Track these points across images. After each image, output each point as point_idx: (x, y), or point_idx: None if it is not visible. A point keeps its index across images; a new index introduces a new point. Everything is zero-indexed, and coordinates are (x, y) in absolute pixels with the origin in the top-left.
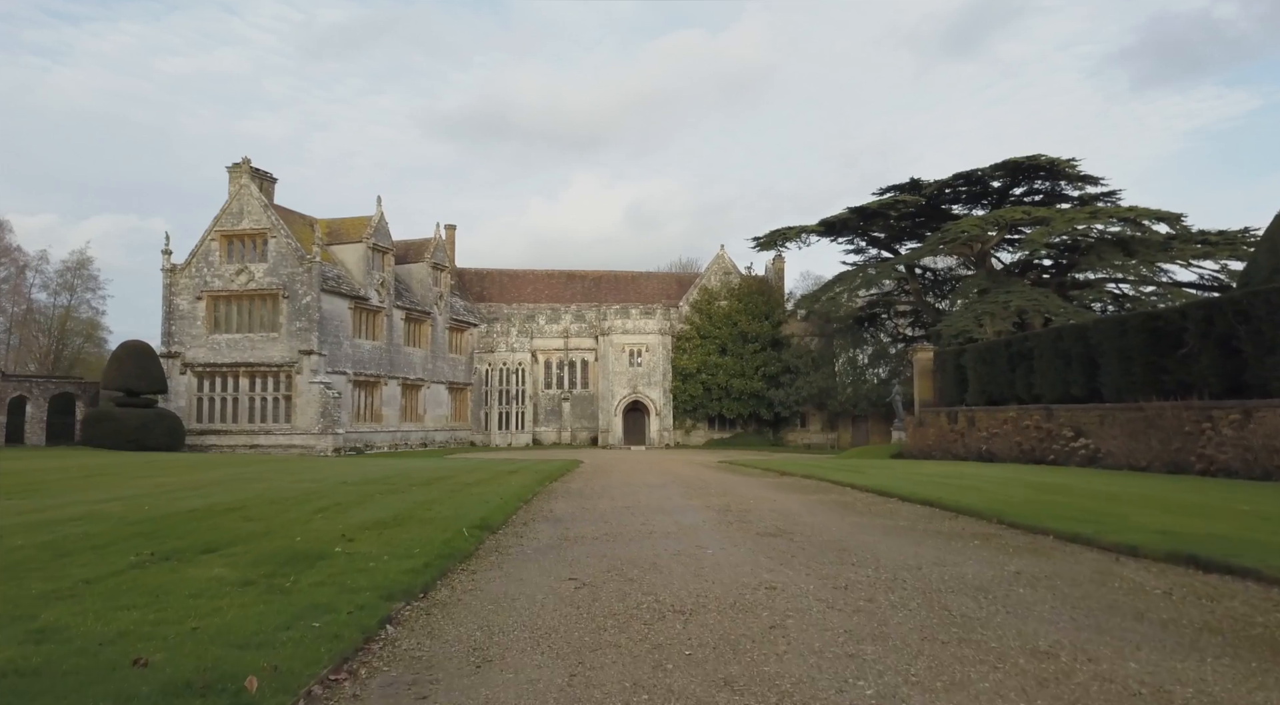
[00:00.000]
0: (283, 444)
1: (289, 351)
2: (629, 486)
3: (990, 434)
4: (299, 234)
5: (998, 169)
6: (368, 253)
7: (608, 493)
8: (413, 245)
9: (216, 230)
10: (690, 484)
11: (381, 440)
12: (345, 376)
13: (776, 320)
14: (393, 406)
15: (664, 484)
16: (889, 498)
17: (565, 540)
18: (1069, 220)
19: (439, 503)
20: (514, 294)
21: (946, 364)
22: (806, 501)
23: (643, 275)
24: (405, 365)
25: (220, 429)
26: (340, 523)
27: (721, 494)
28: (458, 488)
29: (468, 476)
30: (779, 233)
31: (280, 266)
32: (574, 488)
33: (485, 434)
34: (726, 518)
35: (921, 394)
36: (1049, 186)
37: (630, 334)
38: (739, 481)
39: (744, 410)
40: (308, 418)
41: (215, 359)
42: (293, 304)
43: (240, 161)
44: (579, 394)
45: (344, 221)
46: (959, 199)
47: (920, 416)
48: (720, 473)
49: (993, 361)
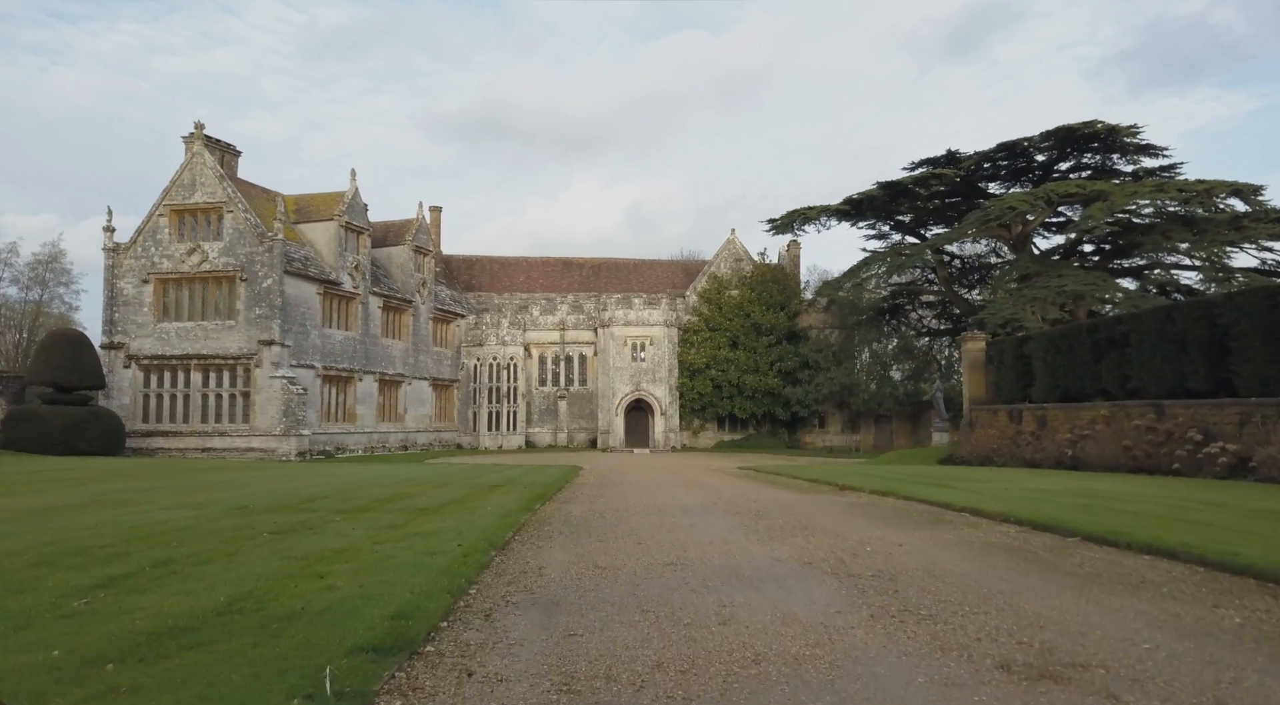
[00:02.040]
0: (239, 447)
1: (247, 342)
2: (658, 514)
3: (1076, 436)
4: (261, 210)
5: (1046, 138)
6: (340, 232)
7: (626, 525)
8: (392, 227)
9: (166, 205)
10: (743, 508)
11: (355, 442)
12: (313, 371)
13: (793, 311)
14: (368, 405)
15: (705, 508)
16: (1060, 534)
17: (567, 695)
18: (1130, 195)
19: (353, 557)
20: (505, 283)
21: (1005, 355)
22: (958, 547)
23: (645, 263)
24: (383, 359)
25: (169, 430)
26: (77, 638)
27: (805, 530)
28: (405, 519)
29: (431, 496)
30: (797, 213)
31: (238, 245)
32: (575, 515)
33: (473, 435)
34: (885, 604)
35: (972, 390)
36: (1099, 161)
37: (633, 326)
38: (803, 503)
39: (757, 409)
40: (268, 417)
41: (164, 351)
42: (252, 288)
43: (194, 128)
44: (576, 391)
45: (313, 197)
46: (997, 175)
47: (971, 416)
48: (763, 486)
49: (1070, 350)
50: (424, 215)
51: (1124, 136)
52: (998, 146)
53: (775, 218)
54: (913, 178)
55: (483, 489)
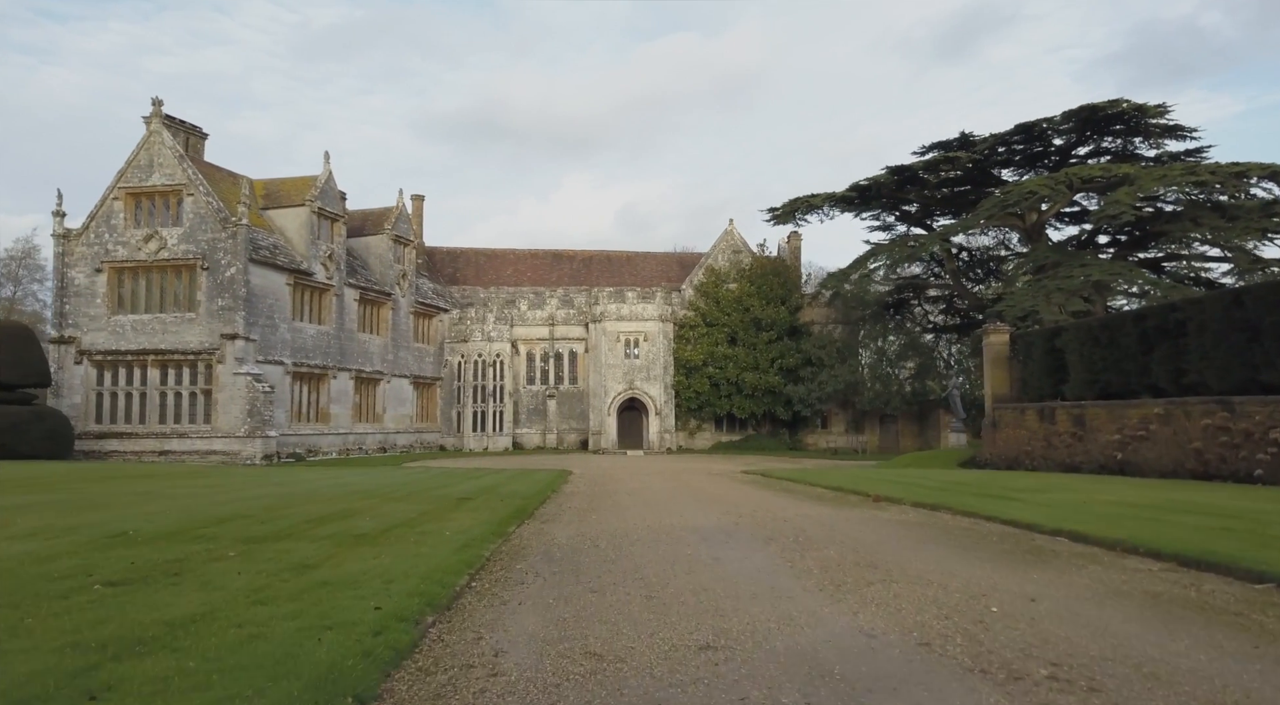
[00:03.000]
0: (200, 450)
1: (209, 336)
2: (668, 541)
3: (1126, 437)
4: (225, 194)
5: (1067, 118)
6: (312, 219)
7: (629, 561)
8: (370, 215)
9: (120, 187)
10: (774, 529)
11: (329, 444)
12: (282, 367)
13: (794, 305)
14: (343, 404)
15: (726, 530)
16: (1236, 577)
17: None
18: (1158, 179)
19: (173, 649)
20: (491, 276)
21: (1033, 348)
22: (1119, 604)
23: (639, 255)
24: (359, 355)
25: (124, 431)
26: None
27: (876, 570)
28: (326, 553)
29: (380, 514)
30: (800, 201)
31: (199, 231)
32: (560, 543)
33: (457, 436)
34: None
35: (994, 387)
36: (1119, 145)
37: (626, 320)
38: (845, 522)
39: (757, 409)
40: (231, 417)
41: (119, 345)
42: (214, 277)
43: (152, 105)
44: (566, 390)
45: (283, 182)
46: (1011, 161)
47: (995, 415)
48: (783, 497)
49: (1112, 342)
50: (405, 203)
51: (1150, 117)
52: (1015, 128)
53: (776, 206)
54: (924, 162)
55: (448, 503)
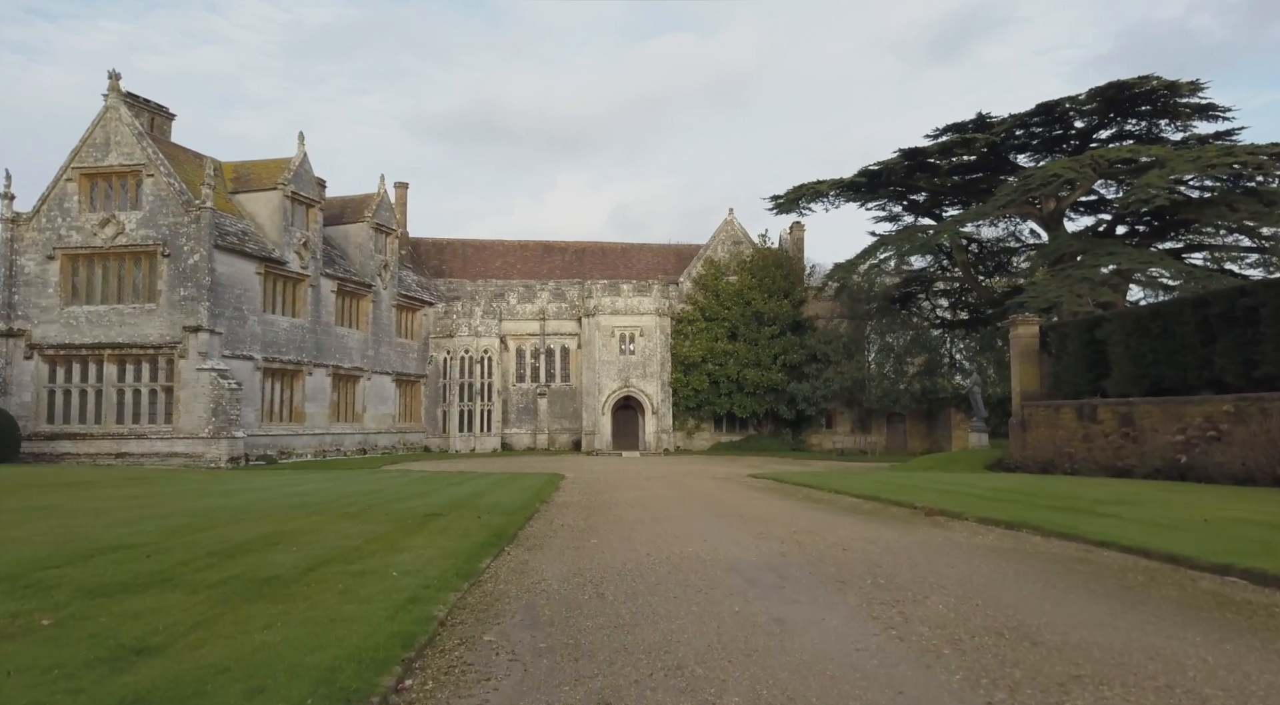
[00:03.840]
0: (160, 451)
1: (170, 328)
2: (700, 587)
3: (1191, 439)
4: (189, 176)
5: (1093, 97)
6: (285, 204)
7: (651, 627)
8: (350, 203)
9: (74, 167)
10: (841, 567)
11: (303, 445)
12: (251, 362)
13: (797, 299)
14: (319, 402)
15: (776, 568)
16: None
17: None
18: (1192, 161)
19: None
20: (479, 268)
21: (1068, 341)
22: None
23: (634, 247)
24: (337, 350)
25: (78, 432)
26: None
27: (1038, 648)
28: (213, 605)
29: (315, 542)
30: (804, 189)
31: (159, 215)
32: (548, 591)
33: (443, 437)
34: None
35: (1023, 383)
36: (1144, 128)
37: (621, 314)
38: (924, 552)
39: (759, 408)
40: (194, 416)
41: (72, 339)
42: (176, 265)
43: (109, 78)
44: (558, 388)
45: (254, 165)
46: (1028, 145)
47: (1024, 414)
48: (818, 511)
49: (1165, 332)
50: (387, 190)
51: (1181, 95)
52: (1036, 108)
53: (779, 194)
54: (938, 146)
55: (412, 522)
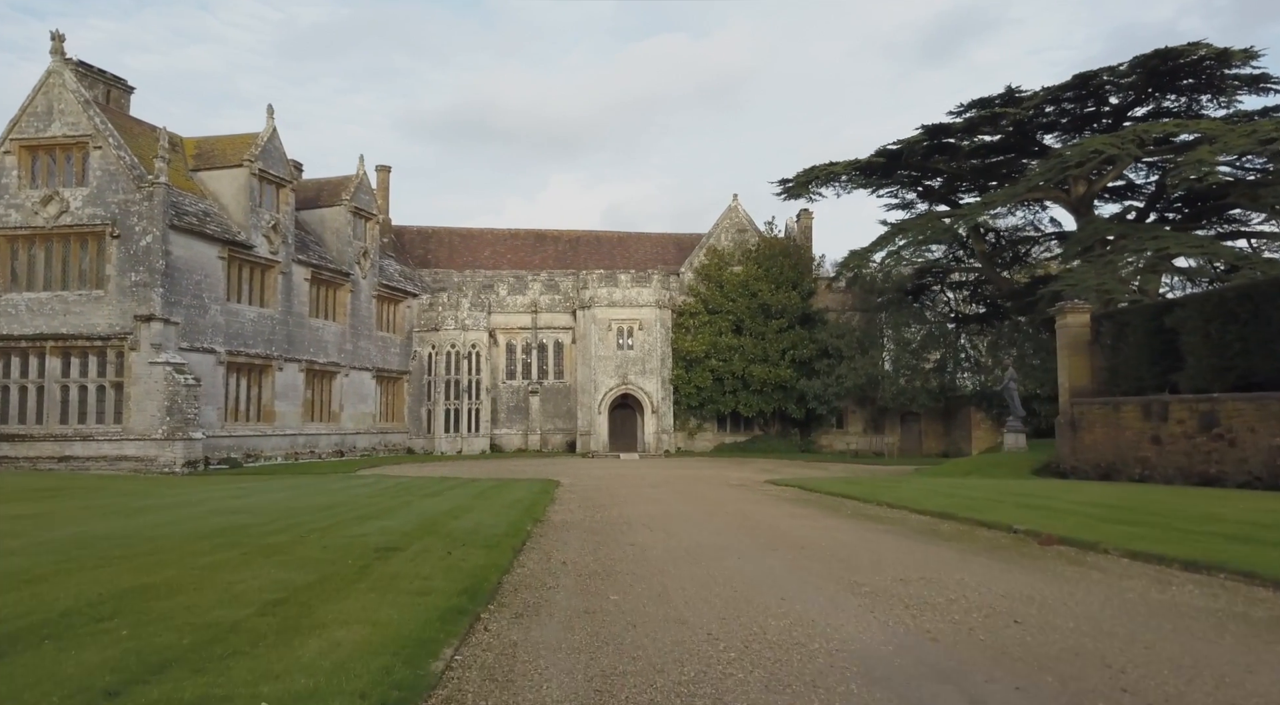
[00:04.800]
0: (109, 454)
1: (120, 317)
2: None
3: None
4: (143, 150)
5: (1136, 67)
6: (252, 182)
7: None
8: (326, 185)
9: (13, 139)
10: (1008, 655)
11: (273, 447)
12: (213, 356)
13: (806, 290)
14: (291, 400)
15: (942, 670)
16: None
17: None
18: (1246, 135)
19: None
20: (466, 258)
21: (1128, 330)
22: None
23: (631, 236)
24: (312, 344)
25: (17, 433)
26: None
27: None
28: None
29: (180, 611)
30: (816, 171)
31: (108, 192)
32: None
33: (428, 438)
34: None
35: (1072, 378)
36: (1184, 103)
37: (619, 307)
38: (1128, 619)
39: (766, 406)
40: (147, 415)
41: (11, 329)
42: (127, 247)
43: (52, 40)
44: (551, 385)
45: (218, 140)
46: (1058, 123)
47: (1074, 413)
48: (896, 537)
49: (1255, 316)
50: (367, 172)
51: (1232, 65)
52: (1072, 79)
53: (788, 178)
54: (964, 121)
55: (350, 566)
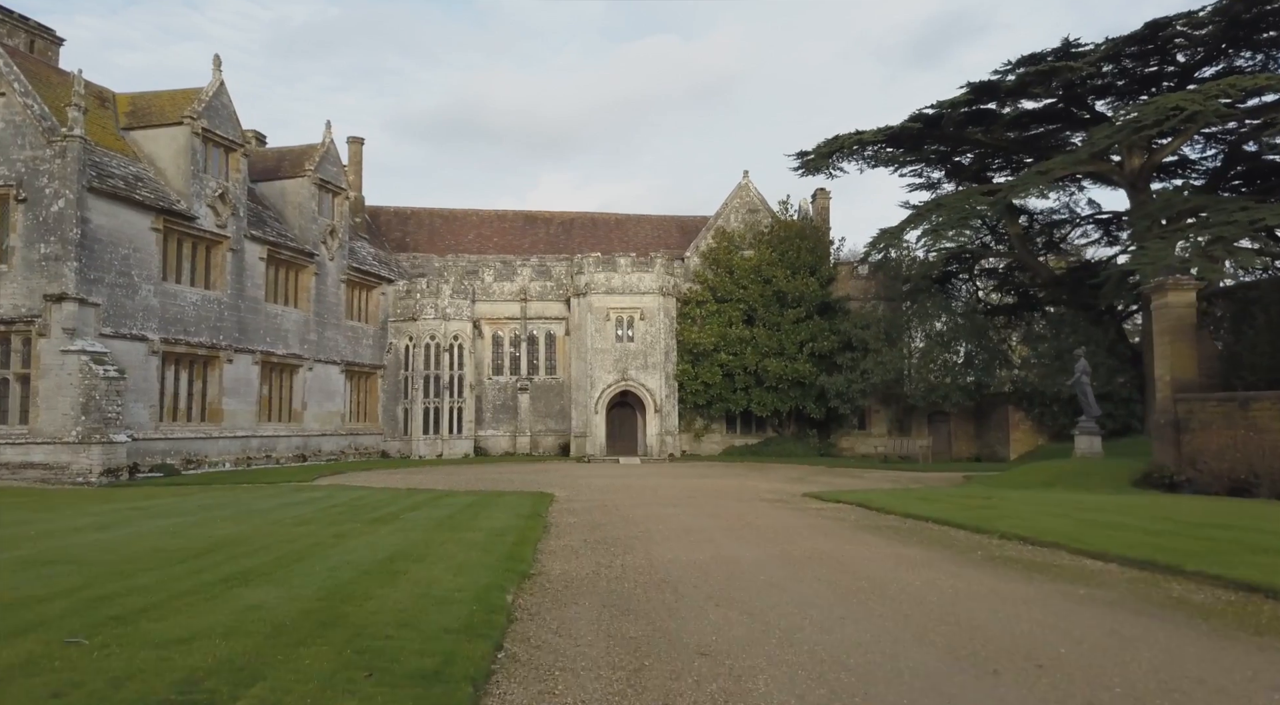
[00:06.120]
0: (12, 461)
1: (26, 297)
2: None
3: None
4: (58, 101)
5: (1218, 14)
6: (194, 143)
7: None
8: (288, 155)
9: None
10: None
11: (219, 452)
12: (144, 344)
13: (825, 277)
14: (243, 397)
15: None
16: None
17: None
18: None
19: None
20: (449, 241)
21: (1253, 310)
22: None
23: (630, 218)
24: (269, 333)
25: None
26: None
27: None
28: None
29: None
30: (841, 141)
31: (12, 148)
32: None
33: (404, 440)
34: None
35: (1176, 369)
36: (1261, 62)
37: (618, 294)
38: None
39: (782, 405)
40: (58, 414)
41: None
42: (34, 213)
43: None
44: (543, 382)
45: (155, 96)
46: (1113, 86)
47: (1180, 411)
48: (1098, 615)
49: None
50: (334, 141)
51: None
52: (1143, 28)
53: (806, 150)
54: (1018, 79)
55: None
